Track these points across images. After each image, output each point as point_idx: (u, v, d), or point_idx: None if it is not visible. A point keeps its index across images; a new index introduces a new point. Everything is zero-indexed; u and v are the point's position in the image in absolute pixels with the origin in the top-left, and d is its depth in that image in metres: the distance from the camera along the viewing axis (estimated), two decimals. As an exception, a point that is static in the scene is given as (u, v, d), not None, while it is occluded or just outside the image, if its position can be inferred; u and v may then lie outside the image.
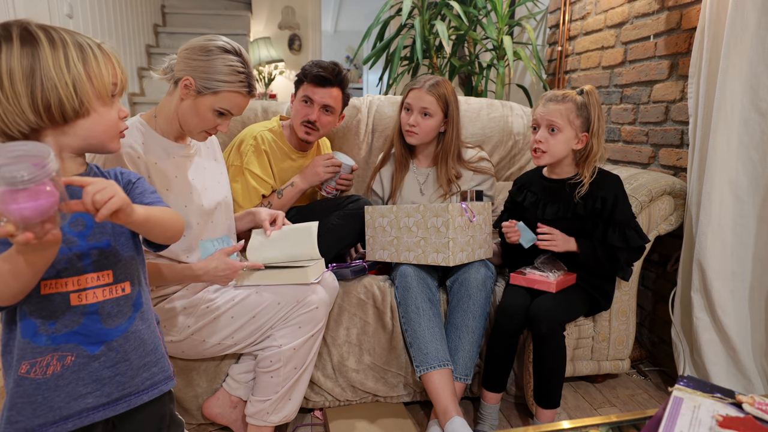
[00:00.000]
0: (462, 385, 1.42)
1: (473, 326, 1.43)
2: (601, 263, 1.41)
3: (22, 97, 0.72)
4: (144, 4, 4.00)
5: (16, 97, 0.72)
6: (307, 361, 1.28)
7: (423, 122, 1.60)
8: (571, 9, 2.44)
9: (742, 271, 1.46)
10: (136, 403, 0.85)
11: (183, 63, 1.17)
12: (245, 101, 1.22)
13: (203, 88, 1.15)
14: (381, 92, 2.98)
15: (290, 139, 1.67)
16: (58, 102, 0.73)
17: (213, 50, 1.15)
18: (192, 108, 1.18)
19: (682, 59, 1.74)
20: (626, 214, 1.42)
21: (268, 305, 1.23)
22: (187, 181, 1.26)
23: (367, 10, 6.10)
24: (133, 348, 0.85)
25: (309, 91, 1.56)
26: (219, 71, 1.15)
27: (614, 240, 1.39)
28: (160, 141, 1.23)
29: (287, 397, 1.26)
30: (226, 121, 1.21)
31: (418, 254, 1.45)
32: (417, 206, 1.44)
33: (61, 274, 0.77)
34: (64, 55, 0.74)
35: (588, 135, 1.40)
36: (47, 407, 0.78)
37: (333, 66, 1.57)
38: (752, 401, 0.64)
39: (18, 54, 0.72)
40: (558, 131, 1.39)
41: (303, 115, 1.57)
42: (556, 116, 1.39)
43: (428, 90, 1.58)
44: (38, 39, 0.73)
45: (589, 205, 1.41)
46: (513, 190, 1.60)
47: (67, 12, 2.87)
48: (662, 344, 1.84)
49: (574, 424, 0.79)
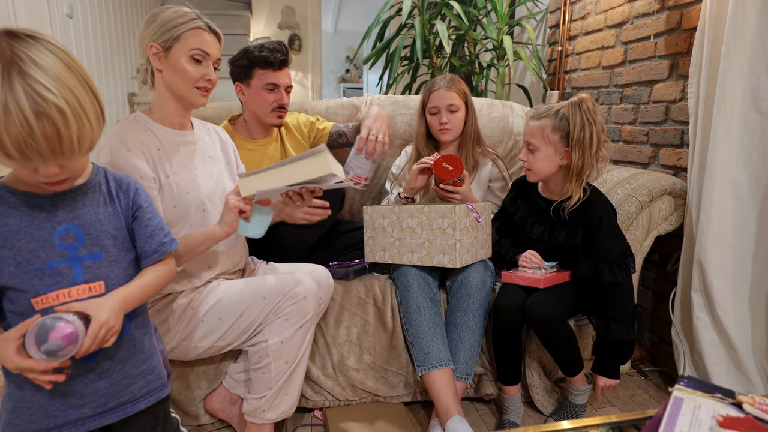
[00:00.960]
0: (463, 385, 1.42)
1: (474, 325, 1.43)
2: (613, 354, 1.36)
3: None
4: (144, 4, 4.00)
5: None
6: (299, 354, 1.26)
7: (453, 117, 1.65)
8: (571, 9, 2.43)
9: (742, 271, 1.46)
10: (133, 410, 0.86)
11: (143, 41, 1.19)
12: (211, 38, 1.21)
13: (166, 43, 1.17)
14: (381, 92, 2.98)
15: (246, 133, 1.66)
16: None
17: (157, 12, 1.18)
18: (170, 70, 1.19)
19: (682, 59, 1.74)
20: (606, 246, 1.33)
21: (254, 302, 1.22)
22: (191, 168, 1.25)
23: (367, 10, 6.09)
24: (128, 356, 0.85)
25: (272, 77, 1.54)
26: (170, 19, 1.16)
27: (585, 270, 1.35)
28: (162, 130, 1.23)
29: (283, 392, 1.25)
30: (207, 67, 1.20)
31: (422, 256, 1.44)
32: (421, 207, 1.43)
33: (52, 288, 0.77)
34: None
35: (569, 149, 1.32)
36: (42, 414, 0.78)
37: (280, 44, 1.56)
38: (752, 401, 0.64)
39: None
40: (535, 150, 1.36)
41: (273, 102, 1.57)
42: (531, 136, 1.37)
43: (448, 87, 1.63)
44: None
45: (570, 235, 1.37)
46: (508, 198, 1.59)
47: (66, 12, 2.87)
48: (662, 344, 1.84)
49: (574, 424, 0.79)
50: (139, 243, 0.88)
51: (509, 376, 1.44)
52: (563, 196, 1.41)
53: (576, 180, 1.33)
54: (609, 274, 1.32)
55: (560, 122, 1.32)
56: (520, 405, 1.47)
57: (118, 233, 0.85)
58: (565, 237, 1.38)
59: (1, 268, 0.75)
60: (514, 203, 1.55)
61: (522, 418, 1.48)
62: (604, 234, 1.33)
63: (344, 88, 7.12)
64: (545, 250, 1.44)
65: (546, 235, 1.43)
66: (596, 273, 1.33)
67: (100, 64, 3.28)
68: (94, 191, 0.84)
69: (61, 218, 0.79)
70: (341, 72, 7.28)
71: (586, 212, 1.35)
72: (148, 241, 0.89)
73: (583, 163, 1.31)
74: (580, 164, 1.31)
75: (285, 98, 1.58)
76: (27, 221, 0.77)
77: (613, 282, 1.31)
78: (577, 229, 1.36)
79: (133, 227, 0.88)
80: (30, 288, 0.76)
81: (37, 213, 0.78)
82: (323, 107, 2.00)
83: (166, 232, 0.92)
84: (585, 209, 1.35)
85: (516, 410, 1.46)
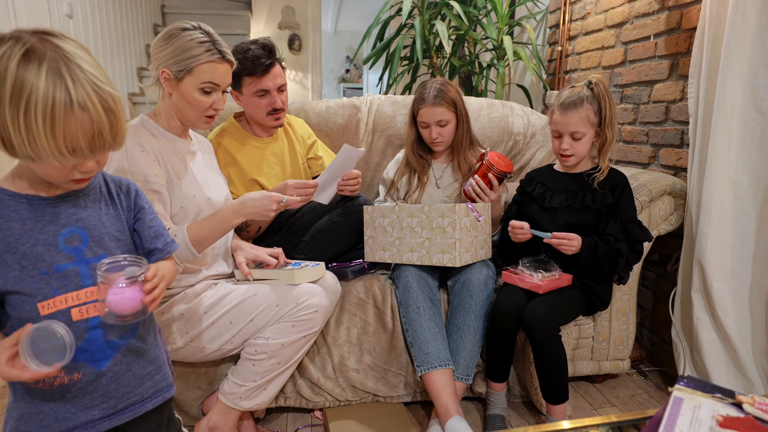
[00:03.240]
0: (463, 385, 1.42)
1: (475, 326, 1.43)
2: (599, 263, 1.41)
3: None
4: (144, 4, 4.00)
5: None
6: (293, 359, 1.28)
7: (443, 131, 1.64)
8: (571, 9, 2.43)
9: (742, 271, 1.46)
10: (141, 411, 0.86)
11: (155, 59, 1.18)
12: (224, 68, 1.21)
13: (178, 73, 1.16)
14: (381, 92, 2.98)
15: (251, 130, 1.65)
16: (9, 143, 0.69)
17: (173, 33, 1.16)
18: (180, 97, 1.19)
19: (682, 59, 1.74)
20: (630, 209, 1.43)
21: (267, 307, 1.23)
22: (193, 174, 1.27)
23: (367, 10, 6.09)
24: (135, 358, 0.85)
25: (260, 84, 1.49)
26: (184, 49, 1.15)
27: (615, 232, 1.39)
28: (167, 135, 1.25)
29: (263, 387, 1.27)
30: (217, 97, 1.21)
31: (422, 255, 1.44)
32: (421, 206, 1.43)
33: (59, 292, 0.76)
34: (26, 107, 0.66)
35: (603, 128, 1.43)
36: (53, 418, 0.78)
37: (263, 46, 1.48)
38: (752, 401, 0.64)
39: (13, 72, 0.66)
40: (582, 137, 1.42)
41: (266, 107, 1.53)
42: (577, 125, 1.41)
43: (435, 103, 1.60)
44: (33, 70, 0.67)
45: (598, 199, 1.43)
46: (524, 180, 1.61)
47: (66, 12, 2.87)
48: (662, 344, 1.84)
49: (574, 424, 0.79)
50: (145, 243, 0.88)
51: (498, 373, 1.45)
52: (585, 169, 1.50)
53: (608, 154, 1.45)
54: (639, 231, 1.41)
55: (596, 105, 1.41)
56: (505, 400, 1.49)
57: (121, 235, 0.85)
58: (593, 200, 1.43)
59: (6, 272, 0.73)
60: (530, 183, 1.57)
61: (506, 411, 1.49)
62: (627, 197, 1.44)
63: (344, 88, 7.13)
64: (565, 219, 1.45)
65: (569, 200, 1.46)
66: (626, 232, 1.40)
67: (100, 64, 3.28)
68: (95, 193, 0.84)
69: (65, 220, 0.78)
70: (341, 72, 7.28)
71: (610, 178, 1.45)
72: (154, 241, 0.89)
73: (612, 138, 1.44)
74: (611, 140, 1.44)
75: (278, 101, 1.53)
76: (30, 224, 0.76)
77: (641, 239, 1.42)
78: (606, 191, 1.43)
79: (136, 228, 0.88)
80: (36, 292, 0.75)
81: (39, 216, 0.76)
82: (323, 107, 2.00)
83: (167, 232, 0.93)
84: (608, 176, 1.46)
85: (501, 404, 1.48)
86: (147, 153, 1.15)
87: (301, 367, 1.47)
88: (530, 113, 2.08)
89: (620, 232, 1.40)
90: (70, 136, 0.68)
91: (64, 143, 0.68)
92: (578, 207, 1.44)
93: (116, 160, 1.11)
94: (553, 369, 1.35)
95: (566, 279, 1.44)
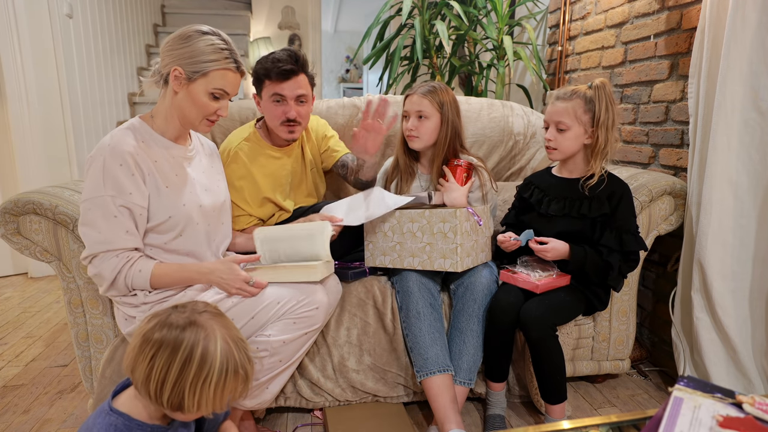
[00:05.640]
0: (465, 389, 1.42)
1: (478, 330, 1.43)
2: (587, 274, 1.41)
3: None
4: (144, 4, 4.00)
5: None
6: (295, 357, 1.28)
7: (420, 125, 1.57)
8: (571, 9, 2.43)
9: (742, 271, 1.46)
10: None
11: (167, 56, 1.18)
12: (236, 78, 1.22)
13: (192, 74, 1.16)
14: (381, 92, 2.98)
15: (269, 139, 1.62)
16: (178, 404, 0.81)
17: (192, 35, 1.17)
18: (187, 97, 1.19)
19: (682, 59, 1.74)
20: (627, 218, 1.41)
21: (269, 304, 1.23)
22: (187, 180, 1.26)
23: (367, 10, 6.10)
24: None
25: (276, 88, 1.46)
26: (203, 52, 1.16)
27: (610, 242, 1.38)
28: (159, 140, 1.24)
29: (265, 386, 1.26)
30: (223, 103, 1.22)
31: (423, 260, 1.43)
32: (422, 211, 1.42)
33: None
34: (198, 373, 0.80)
35: (595, 129, 1.41)
36: None
37: (289, 54, 1.47)
38: (752, 401, 0.64)
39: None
40: (566, 129, 1.41)
41: (280, 115, 1.49)
42: (563, 115, 1.41)
43: (422, 94, 1.57)
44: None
45: (595, 208, 1.41)
46: (521, 186, 1.61)
47: (66, 12, 2.87)
48: (662, 344, 1.84)
49: (574, 424, 0.79)
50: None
51: (497, 373, 1.45)
52: (582, 174, 1.47)
53: (599, 158, 1.43)
54: (634, 242, 1.39)
55: (589, 104, 1.40)
56: (505, 400, 1.49)
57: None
58: (589, 209, 1.42)
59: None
60: (527, 188, 1.57)
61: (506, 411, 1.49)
62: (624, 207, 1.42)
63: (344, 88, 7.13)
64: (563, 227, 1.44)
65: (566, 209, 1.45)
66: (621, 243, 1.38)
67: (100, 64, 3.28)
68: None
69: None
70: (341, 72, 7.29)
71: (608, 187, 1.43)
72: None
73: (606, 143, 1.41)
74: (603, 143, 1.41)
75: (292, 110, 1.48)
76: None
77: (635, 251, 1.41)
78: (603, 200, 1.42)
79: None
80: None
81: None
82: (324, 107, 2.00)
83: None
84: (606, 185, 1.43)
85: (501, 404, 1.48)
86: (126, 167, 1.13)
87: (301, 367, 1.47)
88: (530, 113, 2.08)
89: (615, 243, 1.39)
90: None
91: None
92: (574, 215, 1.44)
93: (95, 167, 1.12)
94: (550, 369, 1.35)
95: (564, 279, 1.44)
